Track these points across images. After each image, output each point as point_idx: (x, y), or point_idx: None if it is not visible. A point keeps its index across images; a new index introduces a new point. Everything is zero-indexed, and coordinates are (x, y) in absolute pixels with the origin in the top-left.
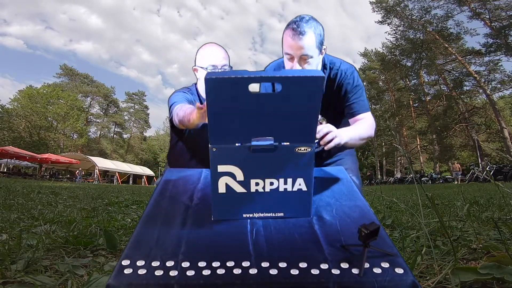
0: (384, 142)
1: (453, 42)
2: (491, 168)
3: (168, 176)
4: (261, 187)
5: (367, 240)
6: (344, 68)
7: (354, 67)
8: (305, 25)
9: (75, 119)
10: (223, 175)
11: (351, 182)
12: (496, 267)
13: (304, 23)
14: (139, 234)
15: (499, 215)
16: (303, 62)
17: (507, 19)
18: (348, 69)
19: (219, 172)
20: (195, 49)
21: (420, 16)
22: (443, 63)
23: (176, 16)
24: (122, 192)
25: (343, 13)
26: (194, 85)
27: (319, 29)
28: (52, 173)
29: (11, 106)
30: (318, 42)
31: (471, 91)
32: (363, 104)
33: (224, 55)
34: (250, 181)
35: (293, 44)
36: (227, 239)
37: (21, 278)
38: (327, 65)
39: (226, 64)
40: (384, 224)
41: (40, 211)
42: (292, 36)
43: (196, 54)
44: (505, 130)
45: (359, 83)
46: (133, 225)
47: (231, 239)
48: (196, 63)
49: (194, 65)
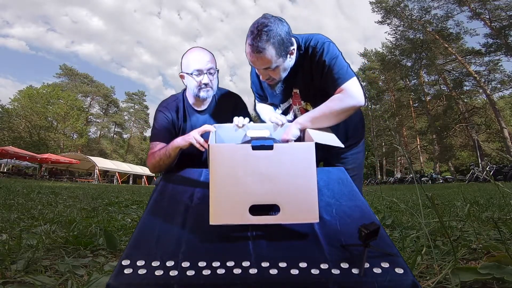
0: (384, 142)
1: (453, 42)
2: (491, 168)
3: (168, 176)
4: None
5: (367, 240)
6: (314, 44)
7: (328, 39)
8: (261, 41)
9: (75, 119)
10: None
11: (351, 182)
12: (496, 267)
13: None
14: (139, 234)
15: (499, 215)
16: (271, 72)
17: (507, 19)
18: (318, 43)
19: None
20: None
21: (420, 16)
22: (443, 63)
23: (177, 18)
24: (122, 192)
25: (341, 15)
26: (183, 92)
27: (279, 36)
28: (50, 171)
29: (11, 106)
30: (281, 51)
31: (471, 91)
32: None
33: (209, 58)
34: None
35: (254, 61)
36: (227, 239)
37: (21, 278)
38: (302, 45)
39: (212, 67)
40: (384, 224)
41: (40, 211)
42: (250, 53)
43: (182, 60)
44: (505, 130)
45: (330, 55)
46: (133, 225)
47: (231, 239)
48: (182, 69)
49: (180, 71)
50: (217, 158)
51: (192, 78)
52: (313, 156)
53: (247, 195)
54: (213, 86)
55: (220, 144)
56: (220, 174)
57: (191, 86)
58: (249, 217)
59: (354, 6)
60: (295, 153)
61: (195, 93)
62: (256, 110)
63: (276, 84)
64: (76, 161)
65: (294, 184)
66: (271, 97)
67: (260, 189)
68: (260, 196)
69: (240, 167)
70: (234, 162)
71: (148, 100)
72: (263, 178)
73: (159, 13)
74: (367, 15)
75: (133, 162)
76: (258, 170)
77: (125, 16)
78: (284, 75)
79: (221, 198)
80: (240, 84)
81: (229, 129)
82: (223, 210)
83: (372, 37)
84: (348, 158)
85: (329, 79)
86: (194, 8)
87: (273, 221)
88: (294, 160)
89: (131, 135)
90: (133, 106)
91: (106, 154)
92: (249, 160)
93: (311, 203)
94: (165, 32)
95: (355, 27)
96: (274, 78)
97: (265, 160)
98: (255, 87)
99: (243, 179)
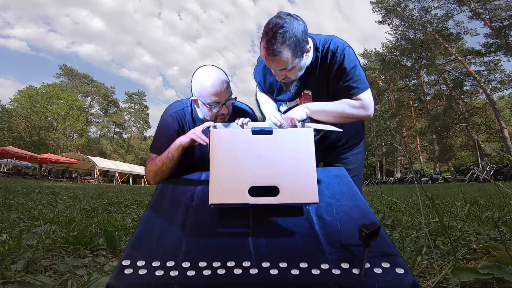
0: (384, 142)
1: (453, 42)
2: (491, 168)
3: None
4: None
5: (368, 240)
6: (333, 48)
7: (347, 44)
8: (276, 43)
9: (75, 119)
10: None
11: (351, 182)
12: (496, 267)
13: (274, 41)
14: (140, 234)
15: (499, 215)
16: (287, 72)
17: (507, 19)
18: (338, 49)
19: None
20: (195, 51)
21: (420, 16)
22: (443, 63)
23: (177, 19)
24: (122, 192)
25: (340, 16)
26: (190, 105)
27: (295, 37)
28: (62, 171)
29: (11, 106)
30: (297, 52)
31: (471, 91)
32: (357, 84)
33: (227, 84)
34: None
35: (270, 64)
36: (227, 239)
37: (21, 278)
38: (319, 47)
39: (230, 95)
40: (384, 224)
41: (40, 211)
42: (266, 56)
43: (194, 81)
44: (505, 130)
45: (350, 63)
46: (133, 225)
47: (231, 239)
48: (195, 94)
49: (192, 95)
50: (217, 142)
51: (209, 109)
52: (311, 140)
53: (246, 176)
54: (229, 112)
55: (221, 129)
56: (221, 156)
57: (206, 114)
58: (248, 198)
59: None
60: (294, 137)
61: (209, 119)
62: (257, 98)
63: (291, 83)
64: (76, 161)
65: (293, 166)
66: (280, 94)
67: (259, 171)
68: (260, 177)
69: (240, 150)
70: (234, 145)
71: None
72: (262, 161)
73: (159, 14)
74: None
75: (133, 162)
76: (257, 153)
77: (126, 17)
78: (300, 74)
79: (221, 179)
80: (240, 84)
81: (230, 127)
82: (223, 190)
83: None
84: (348, 158)
85: (346, 87)
86: (194, 9)
87: (272, 202)
88: (293, 144)
89: (131, 135)
90: (133, 106)
91: (106, 154)
92: (249, 144)
93: (310, 184)
94: (165, 32)
95: (354, 28)
96: (290, 77)
97: (264, 144)
98: (260, 86)
99: (243, 161)
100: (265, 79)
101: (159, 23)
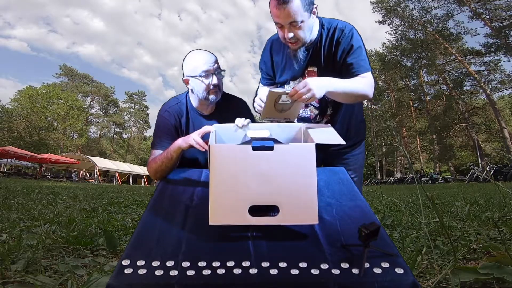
0: (384, 142)
1: (453, 42)
2: (491, 168)
3: (168, 176)
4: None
5: (367, 240)
6: (342, 27)
7: (353, 27)
8: None
9: (75, 119)
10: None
11: (351, 182)
12: (496, 267)
13: None
14: (140, 234)
15: (499, 215)
16: (294, 28)
17: (507, 19)
18: (346, 27)
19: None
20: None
21: (421, 16)
22: (443, 63)
23: (177, 20)
24: (122, 192)
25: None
26: (186, 94)
27: None
28: (47, 170)
29: (11, 106)
30: (306, 4)
31: (471, 91)
32: (363, 63)
33: (214, 59)
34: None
35: (279, 14)
36: (227, 239)
37: (21, 278)
38: (325, 25)
39: (219, 67)
40: (384, 224)
41: (40, 211)
42: (276, 6)
43: (184, 64)
44: (505, 130)
45: (358, 42)
46: (133, 225)
47: (231, 239)
48: (186, 73)
49: (183, 76)
50: (217, 158)
51: (199, 80)
52: (313, 157)
53: (246, 195)
54: (221, 88)
55: (221, 144)
56: (220, 174)
57: (199, 89)
58: (249, 218)
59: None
60: (296, 154)
61: (204, 96)
62: (257, 92)
63: (299, 48)
64: (76, 161)
65: (294, 185)
66: (283, 71)
67: (259, 190)
68: (260, 196)
69: (240, 167)
70: (234, 162)
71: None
72: (263, 179)
73: (160, 15)
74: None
75: (133, 162)
76: (258, 171)
77: (126, 18)
78: (308, 36)
79: (220, 198)
80: (240, 85)
81: (229, 129)
82: (223, 210)
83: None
84: (349, 159)
85: (353, 64)
86: (194, 9)
87: (272, 222)
88: (294, 161)
89: (131, 135)
90: (133, 106)
91: (106, 154)
92: (249, 161)
93: (310, 204)
94: (165, 33)
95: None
96: (298, 37)
97: (265, 161)
98: (265, 66)
99: (243, 180)
100: (271, 58)
101: (159, 23)
